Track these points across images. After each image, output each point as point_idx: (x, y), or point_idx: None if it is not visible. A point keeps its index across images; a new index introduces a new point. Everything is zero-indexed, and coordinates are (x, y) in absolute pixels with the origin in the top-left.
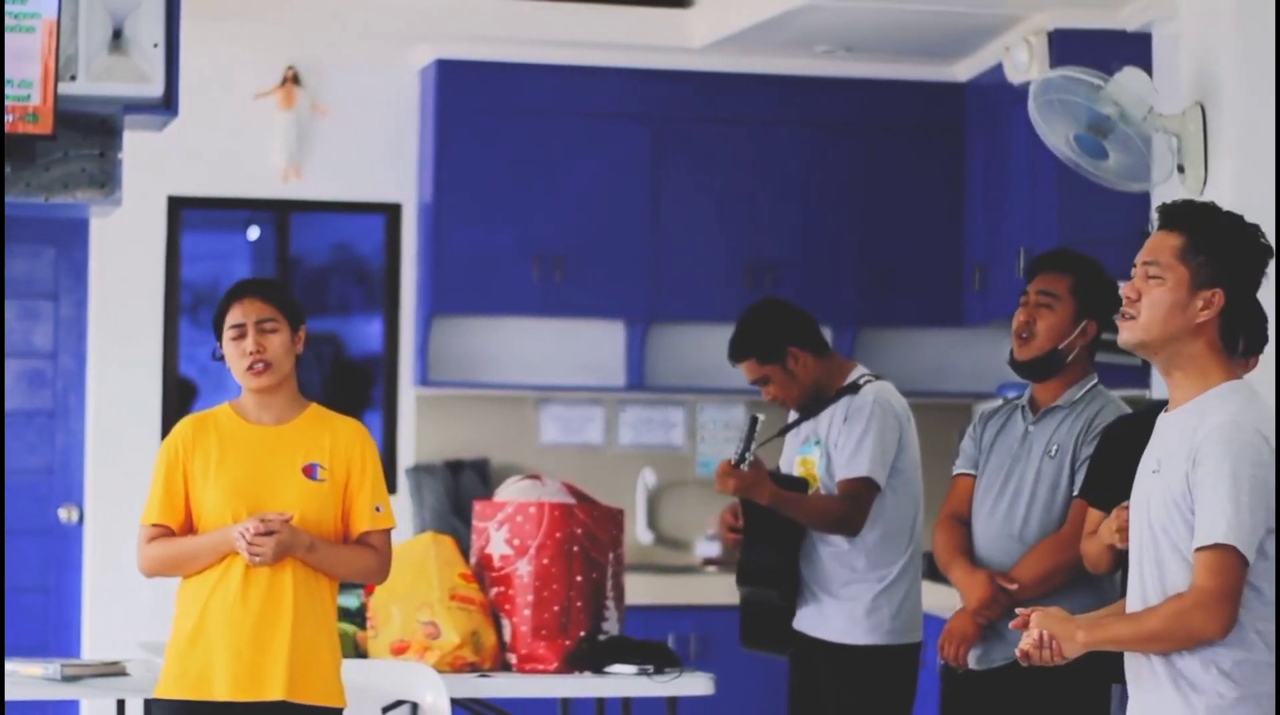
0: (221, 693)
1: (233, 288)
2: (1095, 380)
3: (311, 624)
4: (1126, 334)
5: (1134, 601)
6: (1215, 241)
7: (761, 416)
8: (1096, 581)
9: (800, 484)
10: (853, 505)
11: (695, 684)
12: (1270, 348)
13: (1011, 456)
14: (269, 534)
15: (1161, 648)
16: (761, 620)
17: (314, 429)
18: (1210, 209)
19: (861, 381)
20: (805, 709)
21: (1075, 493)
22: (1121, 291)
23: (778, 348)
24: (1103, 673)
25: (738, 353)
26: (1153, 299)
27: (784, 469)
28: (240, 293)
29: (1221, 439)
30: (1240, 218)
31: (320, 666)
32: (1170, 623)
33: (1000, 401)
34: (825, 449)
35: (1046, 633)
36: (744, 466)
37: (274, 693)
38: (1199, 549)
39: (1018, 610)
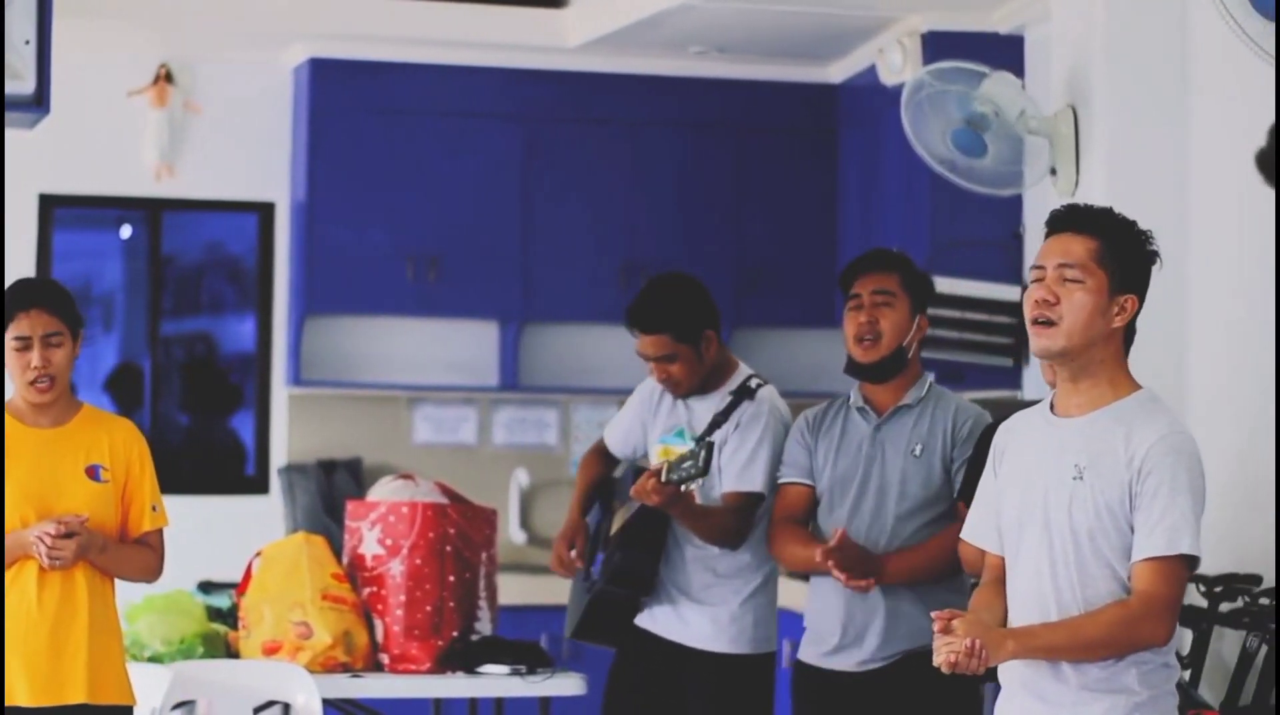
0: (21, 698)
1: (17, 294)
2: (931, 376)
3: (103, 624)
4: (1047, 341)
5: (1041, 607)
6: (1128, 247)
7: (715, 441)
8: (964, 579)
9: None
10: (744, 520)
11: (567, 684)
12: (1271, 348)
13: (864, 457)
14: (69, 536)
15: (1100, 655)
16: (606, 615)
17: (91, 430)
18: (1113, 213)
19: (754, 384)
20: (655, 712)
21: (957, 495)
22: (1035, 296)
23: (697, 328)
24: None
25: (654, 324)
26: (1076, 303)
27: (625, 452)
28: (26, 303)
29: (1172, 450)
30: (1136, 223)
31: (114, 666)
32: (1116, 631)
33: (823, 405)
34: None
35: (978, 641)
36: (688, 488)
37: (75, 696)
38: (1154, 558)
39: (934, 614)
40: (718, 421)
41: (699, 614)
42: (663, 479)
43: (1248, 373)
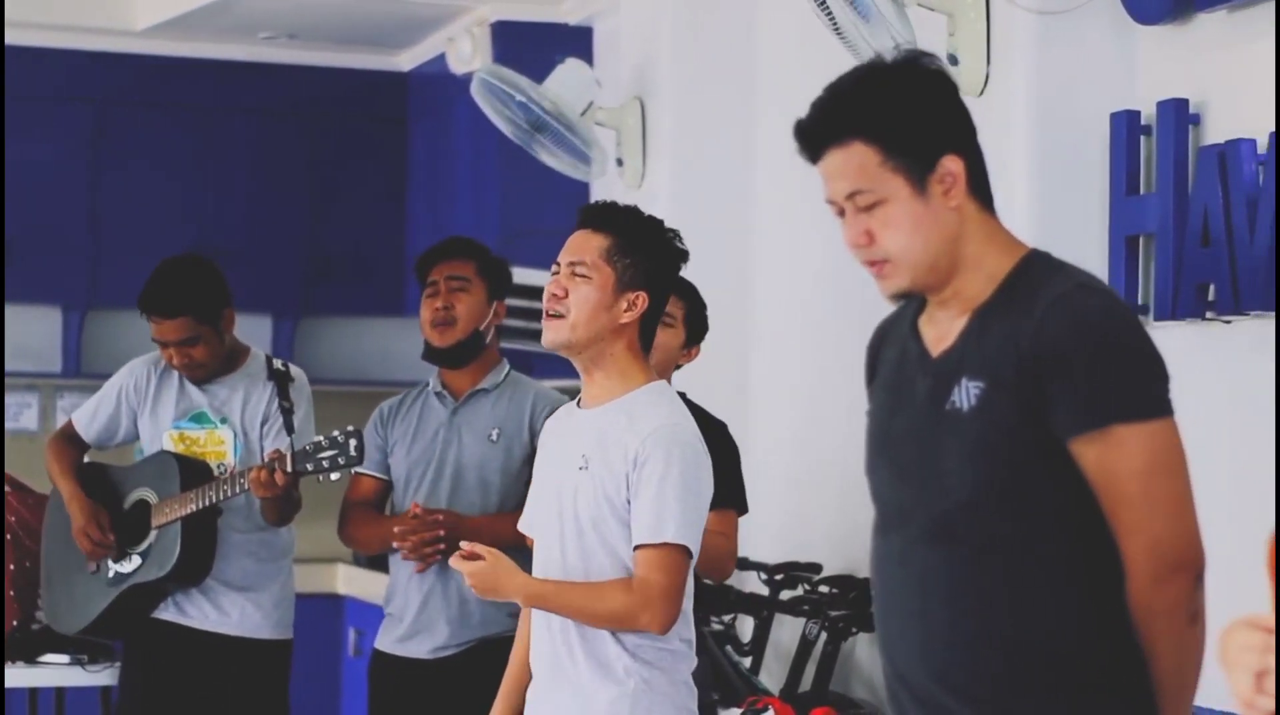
0: None
1: None
2: (508, 364)
3: None
4: (553, 334)
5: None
6: (641, 245)
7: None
8: None
9: (203, 468)
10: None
11: None
12: (830, 337)
13: (440, 441)
14: None
15: (598, 625)
16: (133, 608)
17: None
18: (635, 212)
19: (280, 365)
20: (192, 705)
21: None
22: (547, 290)
23: (217, 308)
24: None
25: (175, 307)
26: (579, 297)
27: (103, 439)
28: None
29: (665, 441)
30: (662, 222)
31: None
32: (616, 616)
33: (400, 394)
34: (239, 429)
35: (488, 575)
36: (325, 478)
37: None
38: (646, 545)
39: (463, 544)
40: (286, 408)
41: (241, 601)
42: (289, 469)
43: (808, 363)
